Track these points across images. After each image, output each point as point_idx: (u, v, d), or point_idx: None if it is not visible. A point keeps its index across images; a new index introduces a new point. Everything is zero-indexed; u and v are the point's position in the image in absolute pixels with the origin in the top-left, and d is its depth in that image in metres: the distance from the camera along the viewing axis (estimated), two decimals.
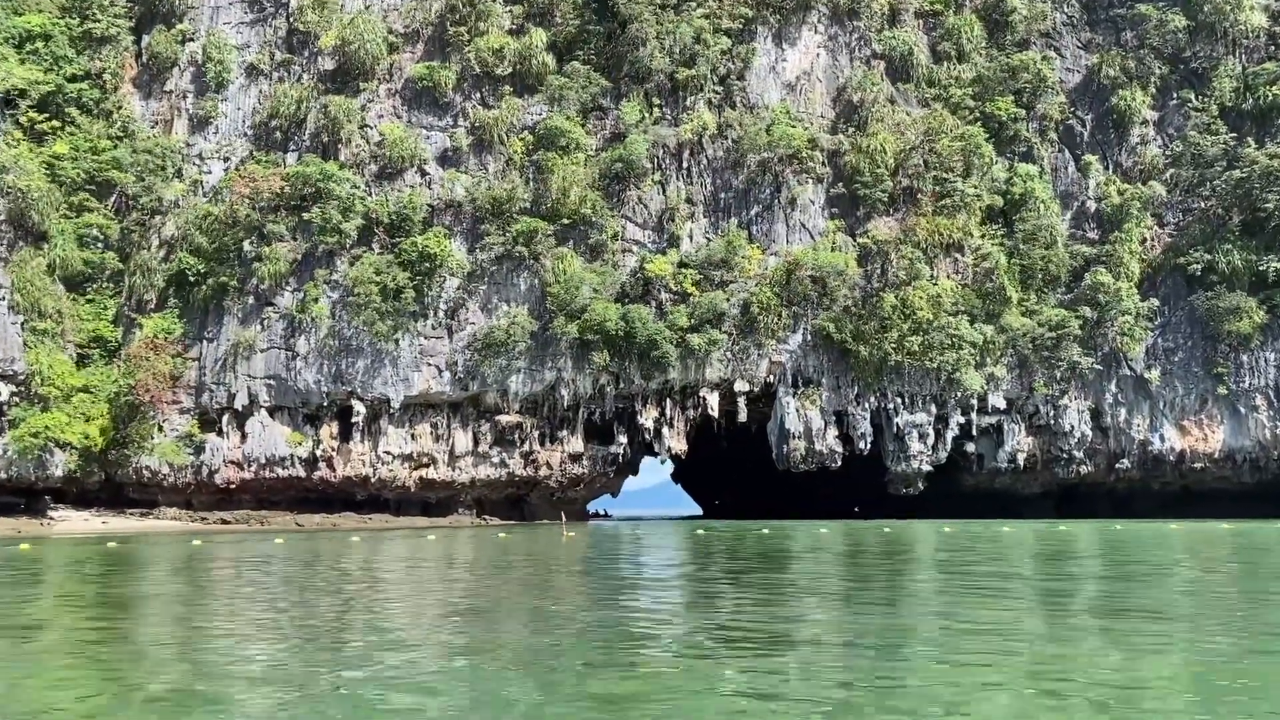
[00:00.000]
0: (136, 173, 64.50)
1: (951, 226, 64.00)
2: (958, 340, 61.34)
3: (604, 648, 11.90)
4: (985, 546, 32.24)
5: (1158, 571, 22.47)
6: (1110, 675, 10.15)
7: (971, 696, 9.20)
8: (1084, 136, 67.79)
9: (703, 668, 10.53)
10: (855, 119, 67.12)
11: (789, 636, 12.95)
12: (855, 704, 8.92)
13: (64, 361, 57.00)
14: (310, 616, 15.64)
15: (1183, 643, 12.15)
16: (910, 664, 10.90)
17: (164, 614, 16.68)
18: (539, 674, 10.31)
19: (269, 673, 10.68)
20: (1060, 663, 10.68)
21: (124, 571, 25.83)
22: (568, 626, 13.99)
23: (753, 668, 10.55)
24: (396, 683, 9.92)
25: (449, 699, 9.21)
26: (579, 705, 8.86)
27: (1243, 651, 11.45)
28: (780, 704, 8.80)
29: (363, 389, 61.69)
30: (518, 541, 36.79)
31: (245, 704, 9.16)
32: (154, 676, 10.70)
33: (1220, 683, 9.78)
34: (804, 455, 62.94)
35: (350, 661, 11.27)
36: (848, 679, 10.03)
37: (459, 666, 10.91)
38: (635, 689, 9.54)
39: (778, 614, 15.23)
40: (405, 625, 14.25)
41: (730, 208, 65.39)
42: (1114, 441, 63.72)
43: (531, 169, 64.06)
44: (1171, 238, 64.46)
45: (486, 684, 9.81)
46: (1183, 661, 11.03)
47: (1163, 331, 63.33)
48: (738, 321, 62.57)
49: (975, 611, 15.10)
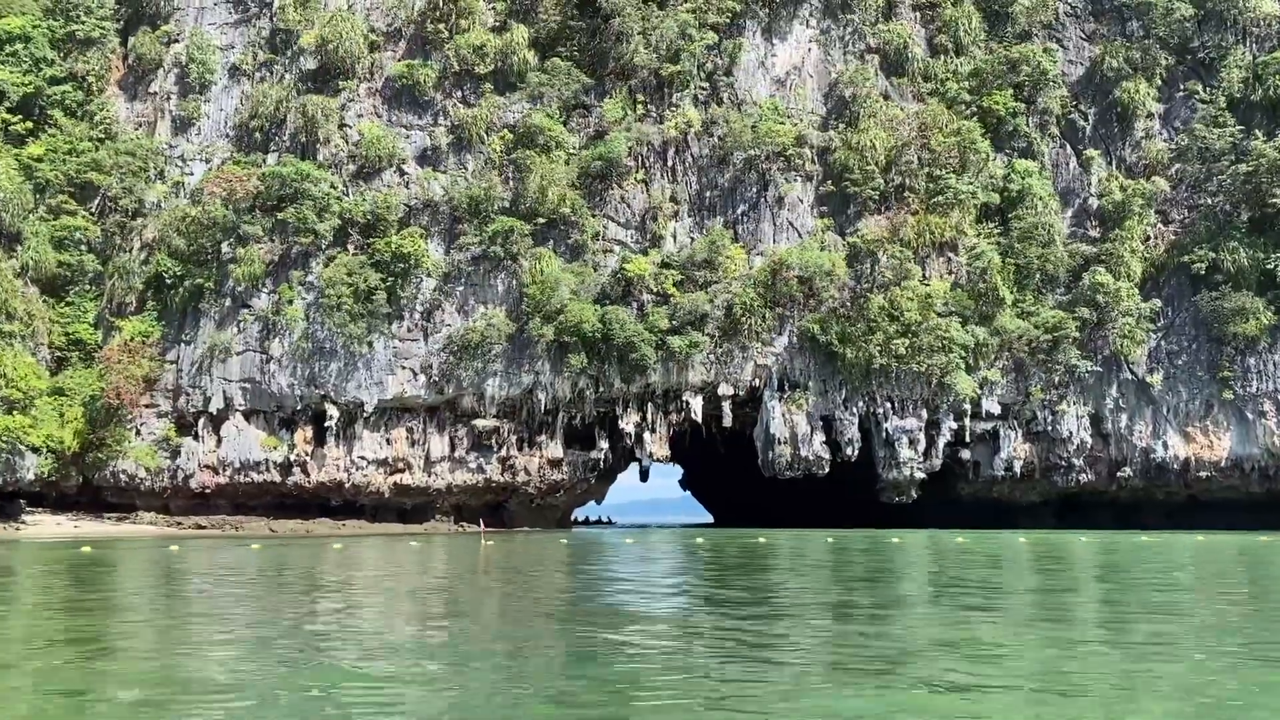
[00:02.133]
0: (117, 175, 64.00)
1: (944, 225, 61.70)
2: (947, 343, 58.98)
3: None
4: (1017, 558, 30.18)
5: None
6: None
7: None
8: (1086, 131, 65.15)
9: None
10: (847, 115, 65.02)
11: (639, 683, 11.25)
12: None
13: (31, 364, 56.46)
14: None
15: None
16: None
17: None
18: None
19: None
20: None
21: (53, 577, 24.53)
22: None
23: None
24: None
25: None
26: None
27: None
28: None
29: (336, 392, 60.60)
30: (432, 551, 35.24)
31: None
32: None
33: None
34: (790, 461, 60.89)
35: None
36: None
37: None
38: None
39: (635, 650, 13.53)
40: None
41: (716, 206, 63.57)
42: (1115, 449, 60.95)
43: (510, 168, 62.68)
44: (1176, 235, 61.63)
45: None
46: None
47: (1165, 334, 60.49)
48: (721, 323, 60.69)
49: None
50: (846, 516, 67.58)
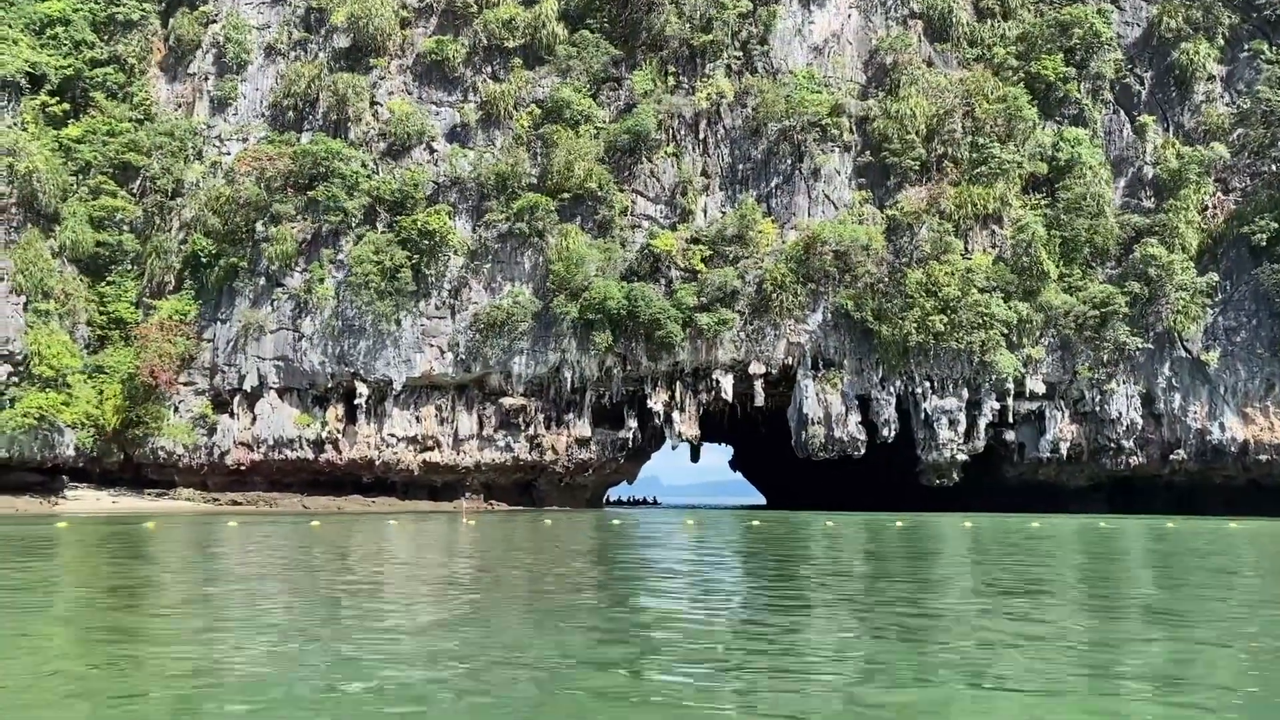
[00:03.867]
0: (157, 156, 64.75)
1: (988, 196, 59.16)
2: (988, 319, 56.58)
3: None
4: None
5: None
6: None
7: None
8: (1141, 96, 61.79)
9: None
10: (887, 83, 62.70)
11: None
12: None
13: (65, 342, 57.38)
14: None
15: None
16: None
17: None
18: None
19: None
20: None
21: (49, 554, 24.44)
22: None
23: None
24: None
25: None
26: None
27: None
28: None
29: (365, 370, 60.60)
30: (397, 535, 34.60)
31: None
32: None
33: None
34: (824, 442, 59.16)
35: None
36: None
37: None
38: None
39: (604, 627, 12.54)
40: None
41: (748, 180, 61.89)
42: (1168, 430, 57.89)
43: (538, 143, 61.78)
44: (1236, 205, 58.08)
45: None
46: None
47: (1223, 309, 57.13)
48: (752, 300, 59.15)
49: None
50: (900, 499, 65.65)
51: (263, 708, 7.73)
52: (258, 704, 7.82)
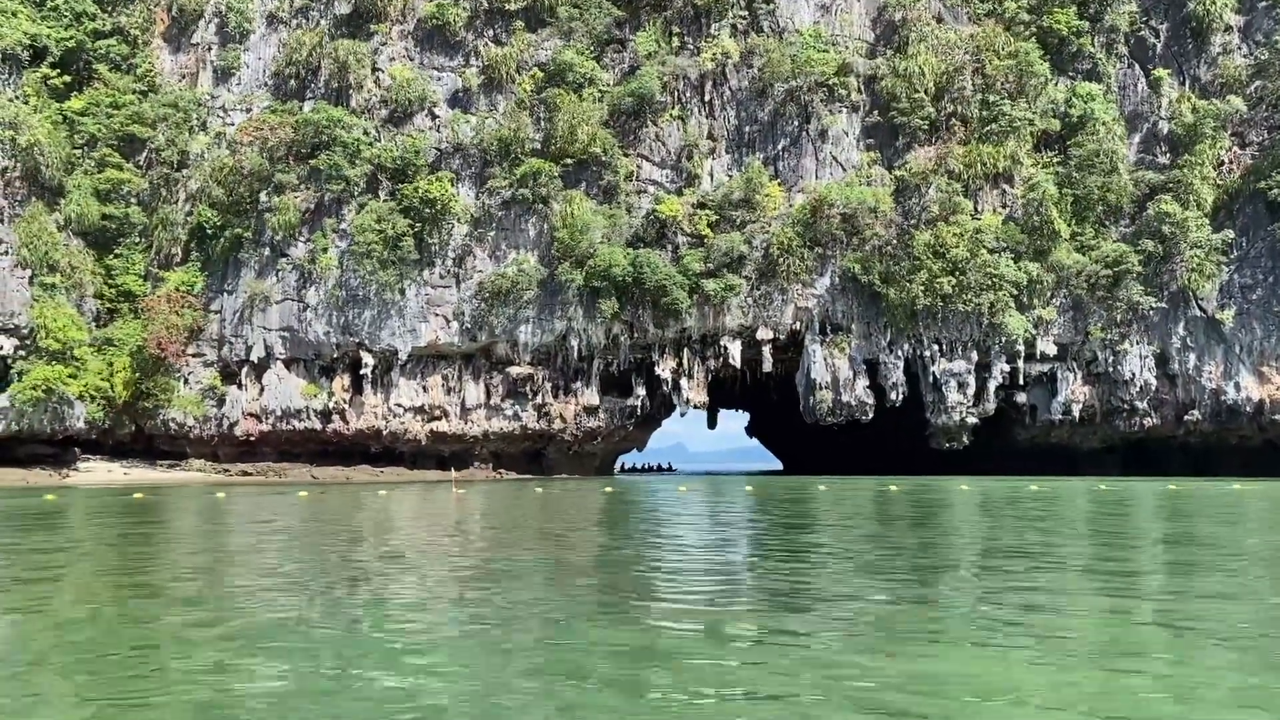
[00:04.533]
0: (161, 127, 64.52)
1: (998, 155, 58.08)
2: (997, 280, 55.73)
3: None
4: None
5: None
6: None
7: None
8: (1157, 49, 60.30)
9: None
10: (895, 40, 61.51)
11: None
12: None
13: (70, 315, 57.50)
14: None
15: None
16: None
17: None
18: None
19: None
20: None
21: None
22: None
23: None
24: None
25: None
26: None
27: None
28: None
29: (371, 340, 60.50)
30: (386, 504, 34.46)
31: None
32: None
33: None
34: (831, 407, 58.66)
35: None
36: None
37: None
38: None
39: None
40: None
41: (755, 142, 61.03)
42: (1182, 391, 57.00)
43: (541, 108, 61.07)
44: (1253, 159, 56.72)
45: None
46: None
47: (1239, 266, 55.98)
48: (759, 265, 58.48)
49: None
50: (911, 463, 65.11)
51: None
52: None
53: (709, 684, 7.50)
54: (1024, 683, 7.55)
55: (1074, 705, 6.96)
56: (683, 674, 7.78)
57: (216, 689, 7.50)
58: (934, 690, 7.30)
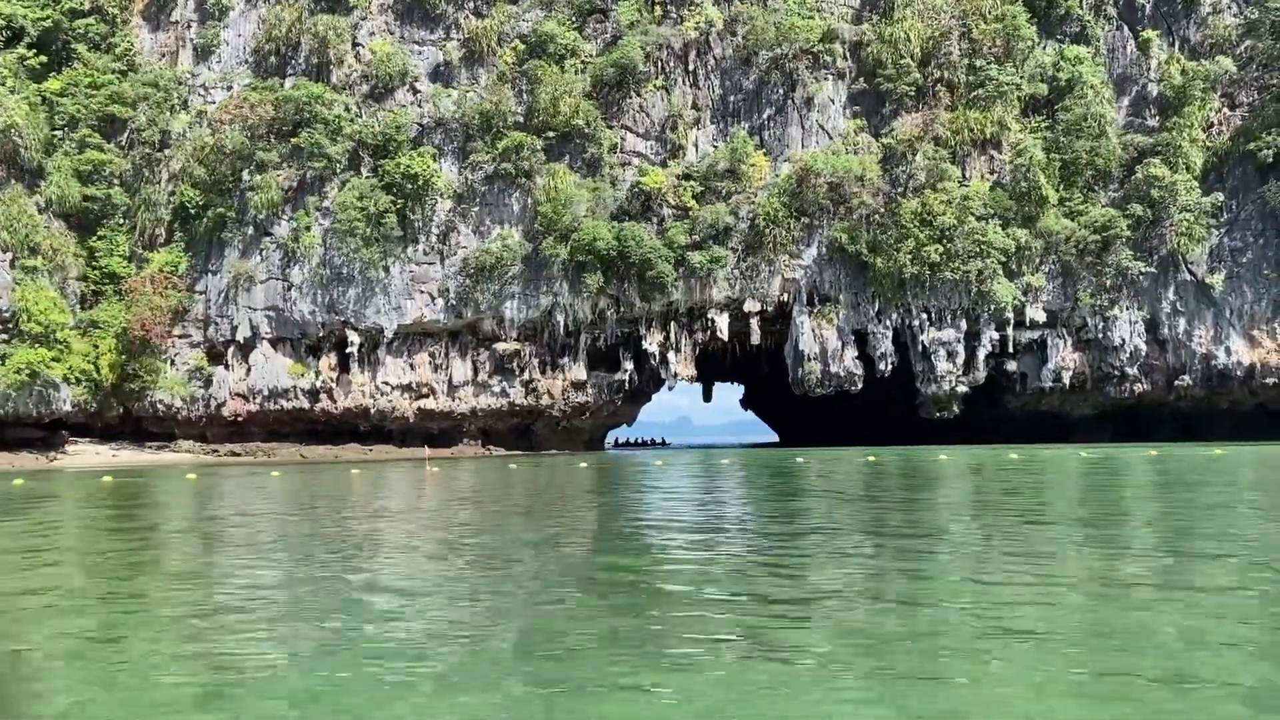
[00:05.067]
0: (142, 107, 63.88)
1: (985, 120, 57.44)
2: (985, 247, 55.22)
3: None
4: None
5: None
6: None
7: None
8: (1146, 10, 59.49)
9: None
10: (881, 6, 60.70)
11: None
12: None
13: (53, 299, 57.13)
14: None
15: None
16: None
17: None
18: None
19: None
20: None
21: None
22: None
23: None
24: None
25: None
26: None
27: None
28: None
29: (356, 318, 60.15)
30: (357, 482, 34.24)
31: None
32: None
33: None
34: (820, 378, 58.33)
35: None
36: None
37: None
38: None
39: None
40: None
41: (740, 112, 60.37)
42: (1173, 356, 56.63)
43: (522, 80, 60.40)
44: (1243, 120, 56.05)
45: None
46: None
47: (1229, 229, 55.44)
48: (745, 237, 57.99)
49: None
50: (901, 433, 64.79)
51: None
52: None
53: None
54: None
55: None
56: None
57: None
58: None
